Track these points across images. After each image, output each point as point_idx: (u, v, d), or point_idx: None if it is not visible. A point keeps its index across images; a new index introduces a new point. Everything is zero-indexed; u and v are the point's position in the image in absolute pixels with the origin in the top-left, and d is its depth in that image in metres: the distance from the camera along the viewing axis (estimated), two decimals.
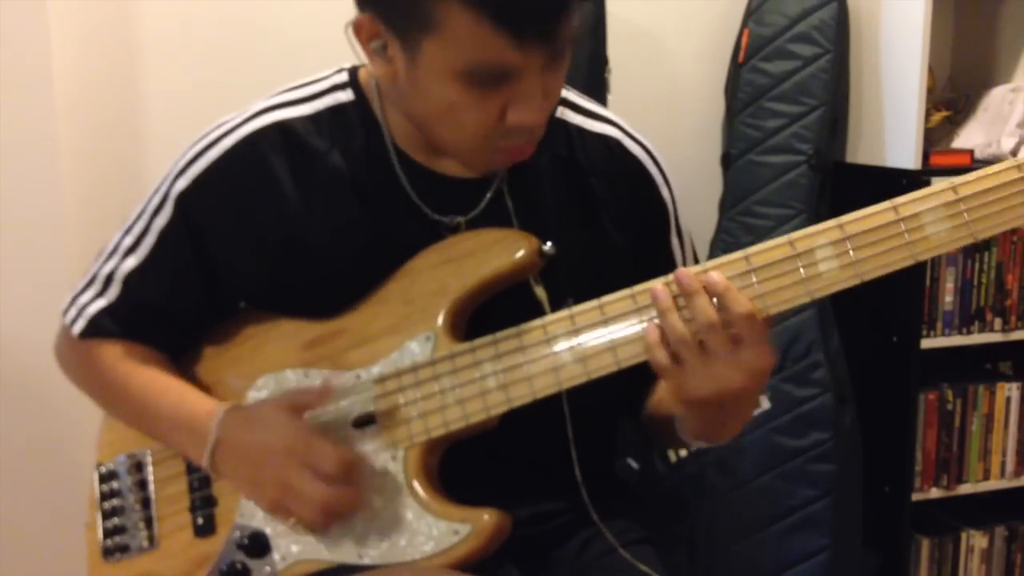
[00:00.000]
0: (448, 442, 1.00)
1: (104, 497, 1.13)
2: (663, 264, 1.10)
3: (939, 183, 0.90)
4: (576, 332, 0.95)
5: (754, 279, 0.91)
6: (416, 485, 0.98)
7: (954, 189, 0.89)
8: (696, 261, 1.15)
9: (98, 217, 1.75)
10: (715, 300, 0.89)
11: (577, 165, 1.08)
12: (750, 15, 2.02)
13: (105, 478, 1.13)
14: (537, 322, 0.97)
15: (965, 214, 0.88)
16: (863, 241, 0.89)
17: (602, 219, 1.08)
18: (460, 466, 1.01)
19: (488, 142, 0.95)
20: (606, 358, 0.94)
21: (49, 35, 1.71)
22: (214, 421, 1.02)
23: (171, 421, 1.06)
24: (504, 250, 0.99)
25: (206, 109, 1.10)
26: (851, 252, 0.89)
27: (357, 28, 0.94)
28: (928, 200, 0.89)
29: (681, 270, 0.91)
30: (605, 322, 0.95)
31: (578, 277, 1.02)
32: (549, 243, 1.00)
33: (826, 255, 0.90)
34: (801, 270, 0.90)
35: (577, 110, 1.10)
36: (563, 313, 0.96)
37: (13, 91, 1.69)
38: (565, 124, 1.09)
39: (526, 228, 1.02)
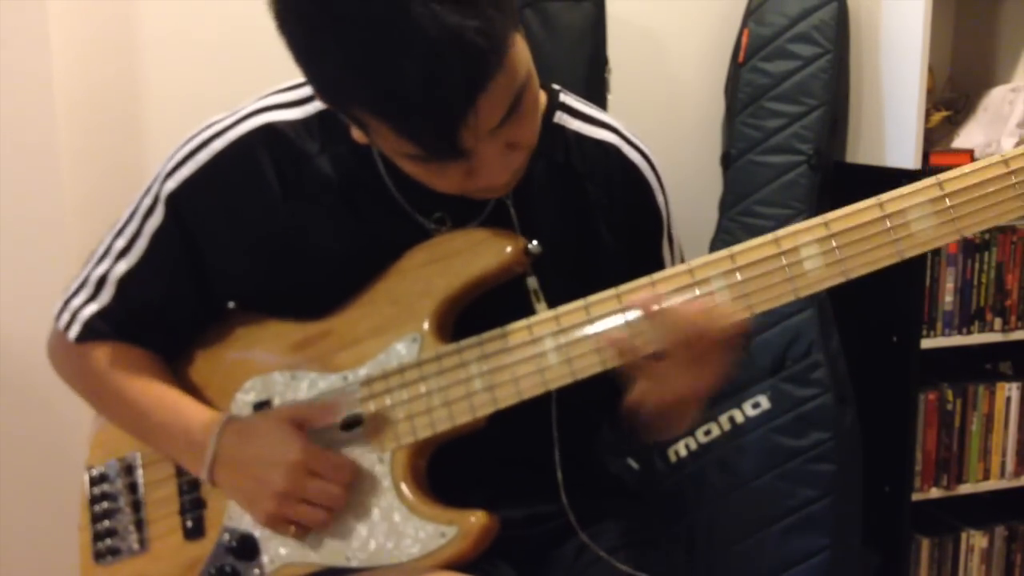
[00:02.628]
0: (436, 443, 1.00)
1: (95, 500, 1.14)
2: (653, 269, 1.10)
3: (926, 180, 0.89)
4: (562, 332, 0.95)
5: (739, 277, 0.91)
6: (403, 487, 0.98)
7: (940, 185, 0.88)
8: None
9: (98, 218, 1.74)
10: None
11: (573, 171, 1.07)
12: (750, 15, 2.02)
13: (96, 481, 1.14)
14: (523, 323, 0.97)
15: (951, 210, 0.87)
16: (849, 239, 0.89)
17: (597, 225, 1.08)
18: (455, 468, 1.01)
19: (470, 192, 0.94)
20: (592, 359, 0.94)
21: (49, 36, 1.71)
22: (212, 435, 1.02)
23: (167, 433, 1.06)
24: (490, 249, 0.99)
25: (206, 110, 1.10)
26: (837, 250, 0.89)
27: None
28: (914, 196, 0.88)
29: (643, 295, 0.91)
30: (591, 322, 0.94)
31: (572, 282, 1.01)
32: (535, 241, 1.00)
33: (811, 253, 0.89)
34: (786, 268, 0.90)
35: (575, 115, 1.09)
36: (549, 314, 0.96)
37: (13, 92, 1.70)
38: (563, 130, 1.08)
39: (521, 232, 1.02)
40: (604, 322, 0.94)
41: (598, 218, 1.08)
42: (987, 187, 0.87)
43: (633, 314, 0.93)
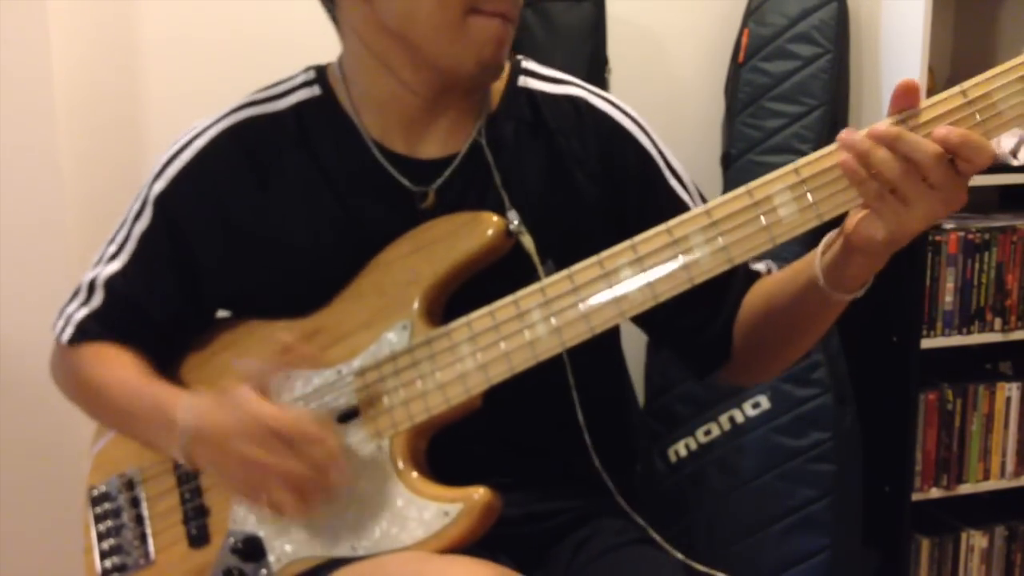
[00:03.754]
0: (434, 427, 1.01)
1: (98, 519, 1.14)
2: (670, 211, 1.05)
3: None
4: (547, 304, 0.96)
5: (717, 231, 0.91)
6: (404, 471, 0.99)
7: (904, 121, 0.85)
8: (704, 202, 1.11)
9: (99, 219, 1.74)
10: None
11: (545, 127, 1.09)
12: (750, 15, 2.02)
13: (98, 500, 1.15)
14: (509, 299, 0.97)
15: None
16: (819, 182, 0.88)
17: (576, 178, 1.08)
18: (459, 466, 1.00)
19: (473, 4, 0.96)
20: (579, 327, 0.95)
21: (49, 38, 1.72)
22: (178, 411, 1.01)
23: (146, 418, 1.06)
24: (471, 233, 1.00)
25: (206, 110, 1.11)
26: (808, 195, 0.88)
27: None
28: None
29: (875, 126, 0.85)
30: (575, 291, 0.95)
31: (556, 237, 1.03)
32: (516, 221, 1.01)
33: (784, 199, 0.89)
34: (762, 218, 0.90)
35: (538, 77, 1.12)
36: (534, 287, 0.97)
37: (13, 93, 1.70)
38: (528, 91, 1.10)
39: (503, 186, 1.04)
40: (589, 289, 0.94)
41: (576, 171, 1.08)
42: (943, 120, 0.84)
43: (620, 285, 0.93)
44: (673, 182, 1.11)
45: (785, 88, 1.95)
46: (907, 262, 1.88)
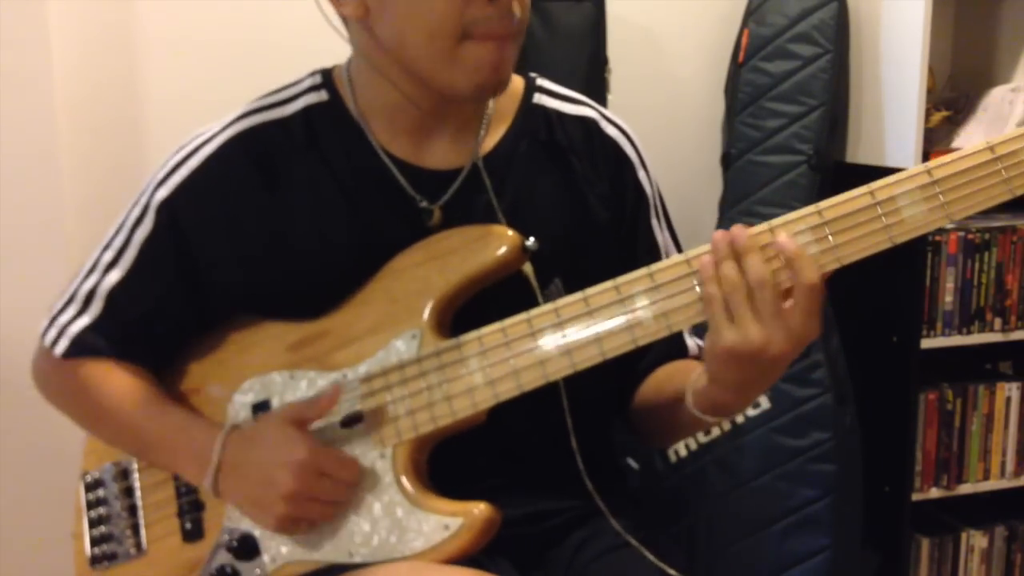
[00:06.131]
0: (437, 438, 1.00)
1: (90, 506, 1.13)
2: (646, 250, 1.11)
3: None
4: (561, 325, 0.95)
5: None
6: (405, 482, 0.98)
7: (929, 172, 0.89)
8: (679, 248, 1.16)
9: (98, 218, 1.74)
10: (779, 262, 0.88)
11: (558, 146, 1.10)
12: (750, 15, 2.02)
13: (91, 487, 1.14)
14: (522, 316, 0.97)
15: (941, 195, 0.89)
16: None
17: (587, 197, 1.10)
18: (457, 466, 1.01)
19: (465, 30, 0.95)
20: (591, 350, 0.95)
21: (49, 36, 1.72)
22: (215, 443, 1.01)
23: (167, 446, 1.06)
24: (487, 246, 1.00)
25: (207, 112, 1.11)
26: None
27: None
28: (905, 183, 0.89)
29: (736, 229, 0.89)
30: (590, 314, 0.95)
31: (565, 256, 1.03)
32: (532, 239, 1.00)
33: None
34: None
35: (553, 95, 1.13)
36: (548, 307, 0.96)
37: (13, 93, 1.70)
38: (544, 109, 1.12)
39: (508, 212, 1.04)
40: (603, 313, 0.94)
41: (586, 190, 1.10)
42: (974, 173, 0.88)
43: (635, 312, 0.93)
44: (655, 224, 1.13)
45: (785, 88, 1.95)
46: (907, 262, 1.89)
